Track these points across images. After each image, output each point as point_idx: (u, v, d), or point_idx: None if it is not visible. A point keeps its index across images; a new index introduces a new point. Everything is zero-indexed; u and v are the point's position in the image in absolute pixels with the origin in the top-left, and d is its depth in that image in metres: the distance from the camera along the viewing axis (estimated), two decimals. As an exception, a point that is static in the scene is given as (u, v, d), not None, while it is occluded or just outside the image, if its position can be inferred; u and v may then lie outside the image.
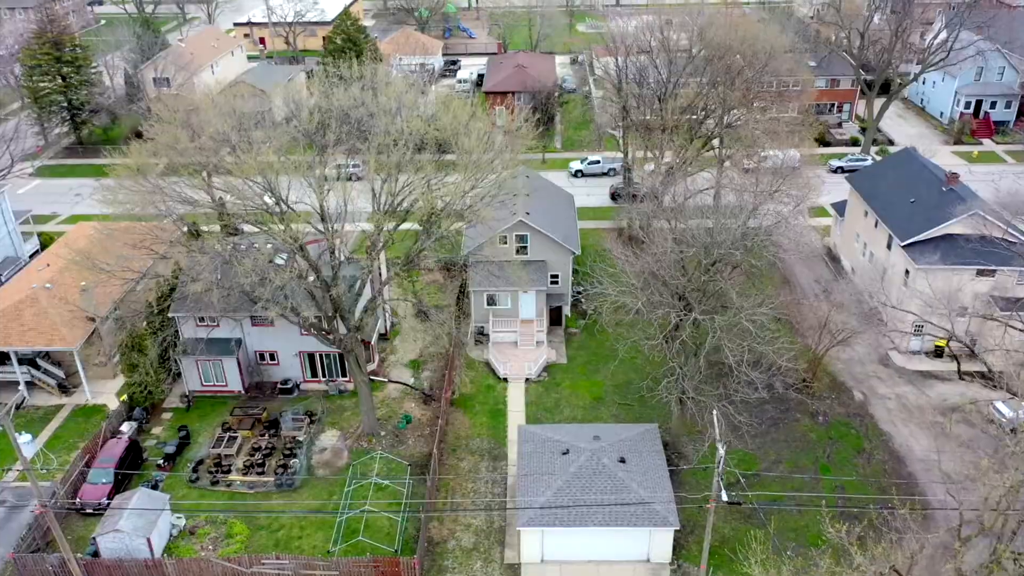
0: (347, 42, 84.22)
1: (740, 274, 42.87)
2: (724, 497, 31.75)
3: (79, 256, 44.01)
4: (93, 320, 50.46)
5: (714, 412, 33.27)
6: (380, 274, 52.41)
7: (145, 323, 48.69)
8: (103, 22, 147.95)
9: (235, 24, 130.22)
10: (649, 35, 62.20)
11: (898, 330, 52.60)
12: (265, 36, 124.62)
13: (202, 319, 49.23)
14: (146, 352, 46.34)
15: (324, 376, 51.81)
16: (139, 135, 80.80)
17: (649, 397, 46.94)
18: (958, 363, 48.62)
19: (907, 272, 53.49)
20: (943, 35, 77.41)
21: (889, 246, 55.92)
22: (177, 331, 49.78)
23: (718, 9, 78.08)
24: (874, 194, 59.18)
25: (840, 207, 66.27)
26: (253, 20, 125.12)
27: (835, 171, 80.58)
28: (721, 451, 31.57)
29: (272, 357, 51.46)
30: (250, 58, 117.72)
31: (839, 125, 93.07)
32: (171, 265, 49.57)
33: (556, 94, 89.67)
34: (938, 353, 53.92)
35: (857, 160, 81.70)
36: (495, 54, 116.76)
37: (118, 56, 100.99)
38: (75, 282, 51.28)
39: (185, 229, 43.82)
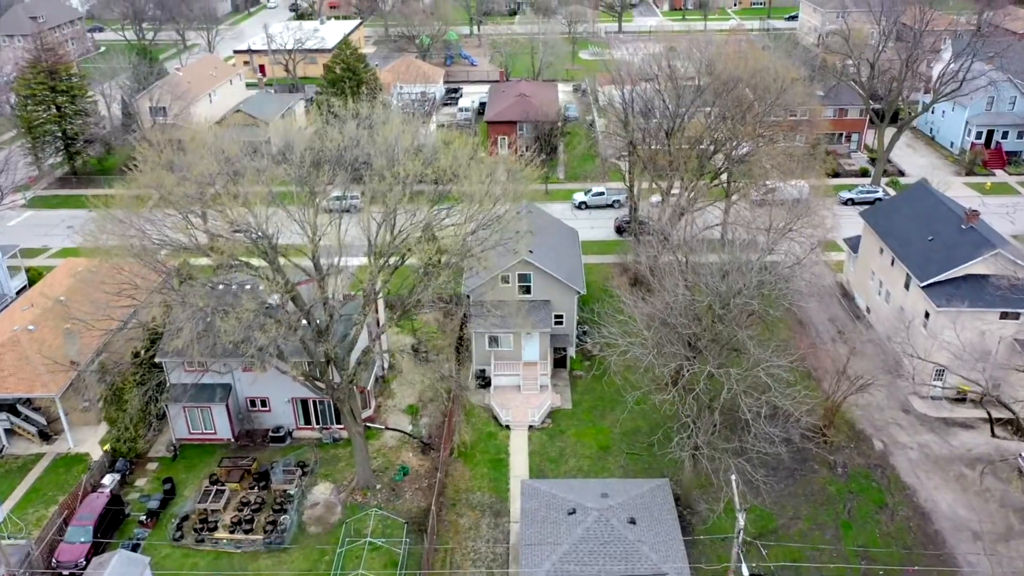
0: (346, 71, 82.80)
1: (756, 320, 40.69)
2: (745, 573, 29.30)
3: (56, 303, 41.82)
4: (77, 364, 48.22)
5: (732, 478, 30.87)
6: (377, 319, 50.23)
7: (129, 370, 46.45)
8: (103, 49, 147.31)
9: (235, 52, 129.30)
10: (656, 68, 60.36)
11: (925, 384, 50.10)
12: (265, 64, 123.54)
13: (190, 364, 46.99)
14: (125, 408, 43.93)
15: (318, 423, 49.46)
16: (131, 167, 79.52)
17: (660, 453, 44.47)
18: (991, 419, 46.03)
19: (927, 314, 51.25)
20: (954, 65, 75.73)
21: (907, 286, 53.72)
22: (164, 377, 47.53)
23: (725, 38, 76.19)
24: (890, 231, 57.09)
25: (853, 243, 64.20)
26: (253, 48, 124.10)
27: (845, 203, 78.63)
28: (741, 521, 29.18)
29: (263, 403, 49.16)
30: (249, 86, 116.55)
31: (848, 155, 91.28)
32: (155, 310, 47.43)
33: (559, 124, 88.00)
34: (960, 398, 51.56)
35: (868, 192, 79.80)
36: (497, 82, 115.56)
37: (115, 85, 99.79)
38: (60, 323, 49.13)
39: (171, 272, 41.65)
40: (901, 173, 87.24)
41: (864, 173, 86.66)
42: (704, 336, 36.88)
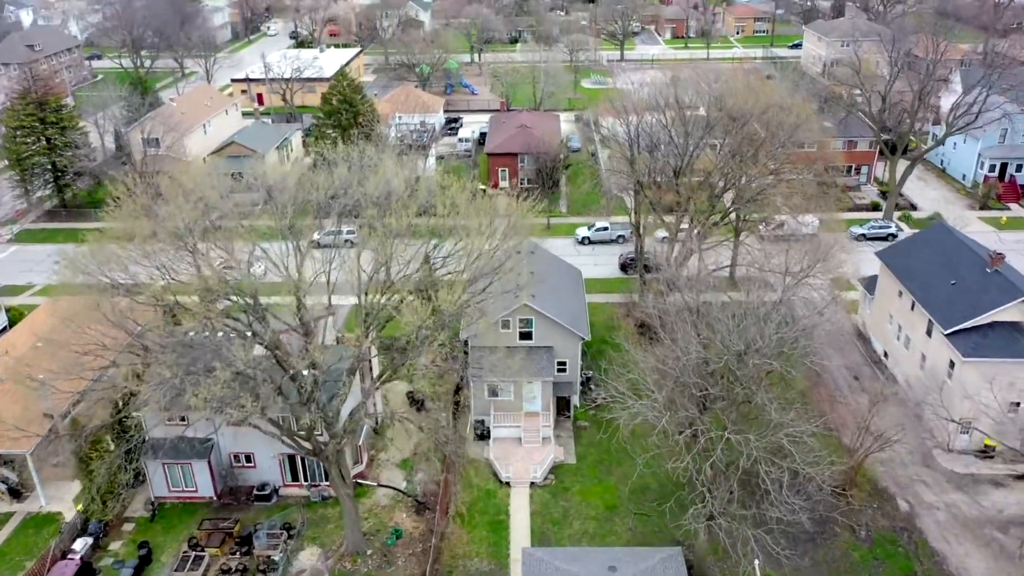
0: (343, 103, 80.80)
1: (774, 377, 37.92)
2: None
3: (32, 349, 39.09)
4: (51, 417, 45.41)
5: (756, 563, 27.93)
6: (370, 370, 47.49)
7: (105, 424, 43.59)
8: (100, 77, 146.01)
9: (232, 80, 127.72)
10: (663, 102, 58.05)
11: (950, 437, 47.17)
12: (263, 93, 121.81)
13: (170, 418, 44.16)
14: (95, 474, 40.97)
15: (306, 480, 46.51)
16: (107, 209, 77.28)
17: (674, 525, 41.38)
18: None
19: (951, 364, 48.45)
20: (968, 97, 73.57)
21: (929, 333, 50.96)
22: (142, 431, 44.64)
23: (732, 69, 73.98)
24: (909, 273, 54.45)
25: (869, 283, 61.54)
26: (251, 76, 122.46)
27: (857, 238, 76.13)
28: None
29: (248, 459, 46.25)
30: (245, 115, 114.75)
31: (857, 188, 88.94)
32: (123, 370, 44.61)
33: (561, 156, 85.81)
34: (987, 453, 48.61)
35: (880, 227, 77.32)
36: (498, 111, 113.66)
37: (108, 115, 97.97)
38: (37, 371, 46.32)
39: (140, 332, 38.87)
40: (913, 207, 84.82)
41: (875, 207, 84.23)
42: (719, 398, 34.09)
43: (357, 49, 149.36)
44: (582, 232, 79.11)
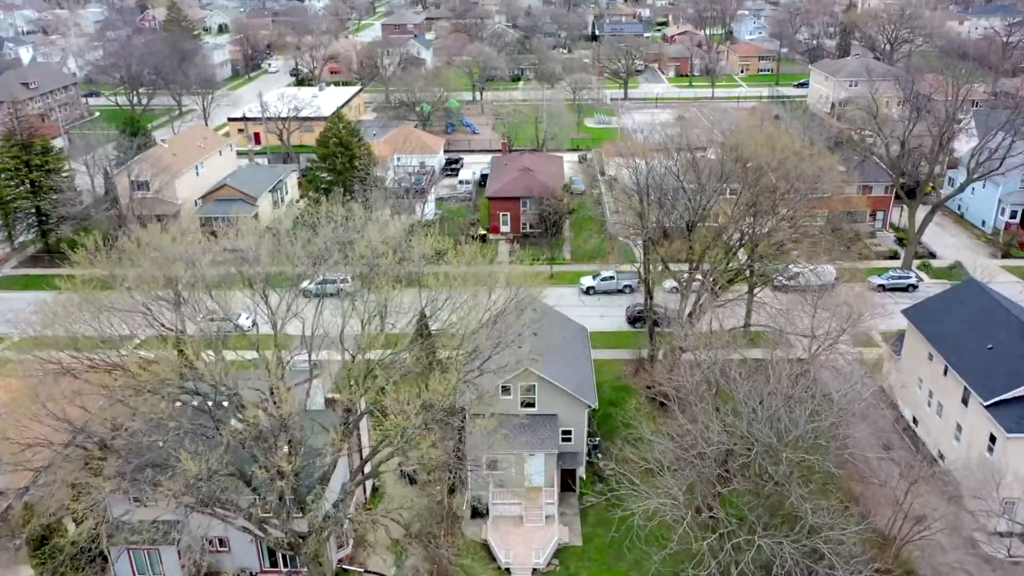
0: (338, 146, 77.82)
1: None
2: None
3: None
4: (4, 494, 41.42)
5: None
6: (359, 445, 43.52)
7: (64, 504, 39.52)
8: (96, 115, 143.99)
9: (229, 119, 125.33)
10: (675, 152, 54.73)
11: (992, 517, 42.94)
12: (260, 132, 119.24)
13: (136, 498, 40.10)
14: (54, 553, 36.97)
15: (287, 566, 42.29)
16: (109, 241, 74.09)
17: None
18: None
19: (992, 438, 44.41)
20: (992, 142, 70.37)
21: (965, 402, 46.99)
22: (104, 512, 40.53)
23: (742, 111, 70.64)
24: (940, 334, 50.63)
25: (894, 341, 57.72)
26: (248, 115, 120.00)
27: (876, 289, 72.42)
28: None
29: (222, 543, 42.07)
30: (242, 154, 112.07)
31: (873, 235, 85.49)
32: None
33: (565, 201, 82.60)
34: (1034, 536, 44.32)
35: (900, 277, 73.71)
36: (499, 151, 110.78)
37: (99, 156, 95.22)
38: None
39: (80, 429, 34.91)
40: (932, 255, 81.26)
41: (892, 255, 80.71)
42: (747, 492, 30.09)
43: (357, 87, 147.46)
44: (587, 282, 75.48)
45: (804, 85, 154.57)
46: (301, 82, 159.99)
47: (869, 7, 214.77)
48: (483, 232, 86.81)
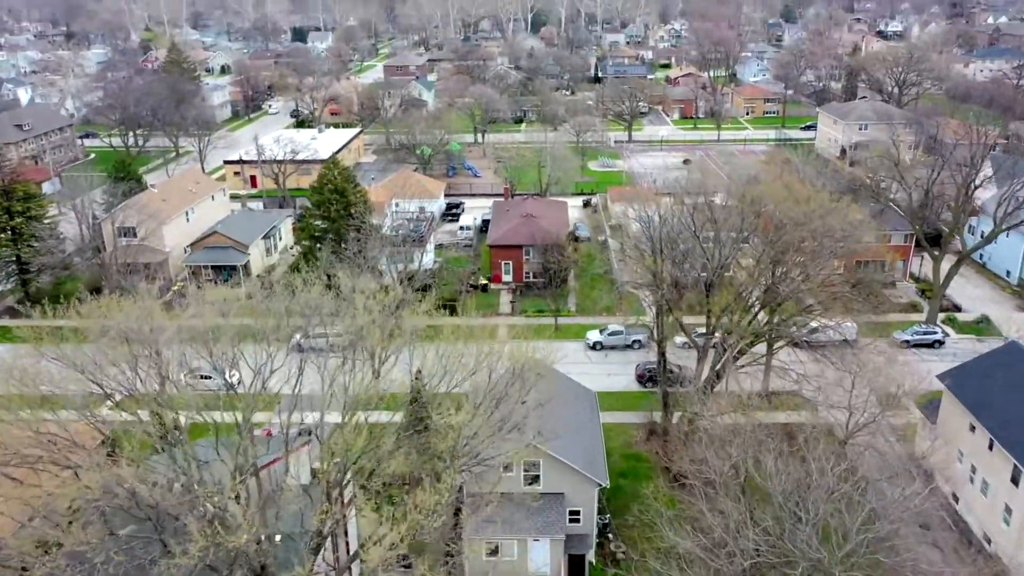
0: (333, 193, 74.48)
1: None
2: None
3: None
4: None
5: None
6: (345, 531, 39.01)
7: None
8: (92, 156, 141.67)
9: (225, 162, 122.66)
10: (690, 208, 51.01)
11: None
12: (256, 175, 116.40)
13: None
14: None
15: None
16: (97, 290, 70.62)
17: None
18: None
19: (1050, 524, 39.93)
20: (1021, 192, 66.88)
21: (1015, 481, 42.56)
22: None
23: (752, 156, 66.99)
24: (982, 404, 46.36)
25: (927, 406, 53.40)
26: (244, 158, 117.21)
27: (902, 345, 68.24)
28: None
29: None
30: (236, 198, 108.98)
31: (892, 285, 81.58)
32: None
33: (568, 252, 78.89)
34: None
35: (926, 333, 69.63)
36: (501, 195, 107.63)
37: (88, 201, 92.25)
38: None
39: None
40: (957, 308, 77.25)
41: (914, 308, 76.70)
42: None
43: (358, 129, 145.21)
44: (593, 336, 71.40)
45: (811, 128, 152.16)
46: (301, 123, 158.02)
47: (872, 50, 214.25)
48: (484, 282, 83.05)
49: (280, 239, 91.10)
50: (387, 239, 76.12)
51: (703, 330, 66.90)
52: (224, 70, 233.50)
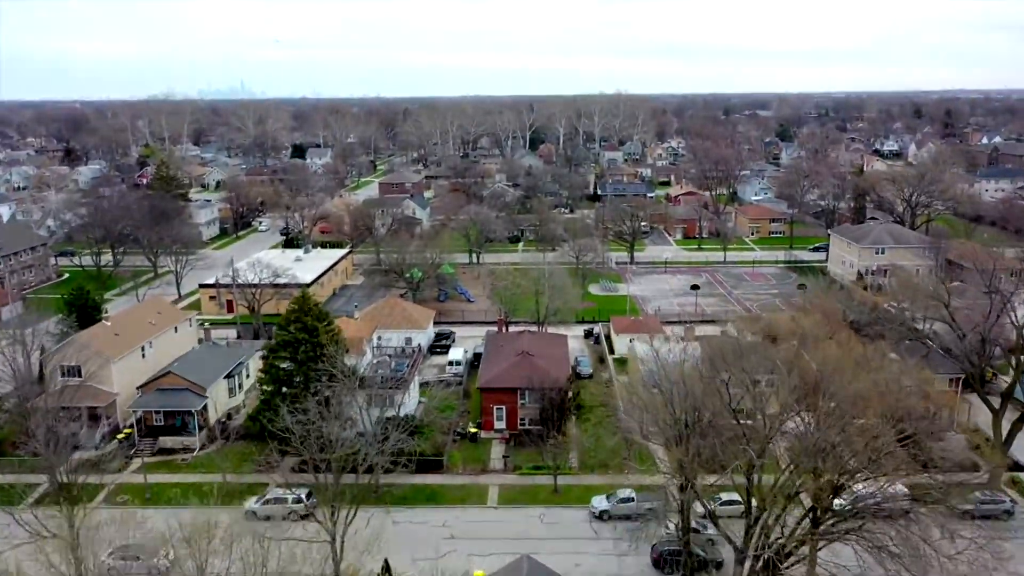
0: (302, 331, 65.74)
1: None
2: None
3: None
4: None
5: None
6: None
7: None
8: (66, 276, 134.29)
9: (200, 285, 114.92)
10: (727, 382, 41.87)
11: None
12: (232, 299, 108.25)
13: None
14: None
15: None
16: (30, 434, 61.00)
17: None
18: None
19: None
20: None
21: None
22: None
23: (815, 322, 57.86)
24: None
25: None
26: (220, 281, 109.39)
27: (964, 517, 57.45)
28: None
29: None
30: (215, 323, 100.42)
31: (939, 438, 71.30)
32: None
33: (569, 395, 69.35)
34: None
35: (992, 502, 59.42)
36: (496, 324, 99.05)
37: (39, 333, 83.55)
38: None
39: None
40: (1018, 466, 66.92)
41: (973, 467, 66.28)
42: None
43: (347, 249, 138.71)
44: (599, 503, 60.74)
45: (820, 249, 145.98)
46: (290, 241, 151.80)
47: (873, 169, 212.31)
48: (473, 430, 73.01)
49: (248, 376, 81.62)
50: (364, 381, 66.82)
51: (728, 495, 56.94)
52: (219, 185, 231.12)
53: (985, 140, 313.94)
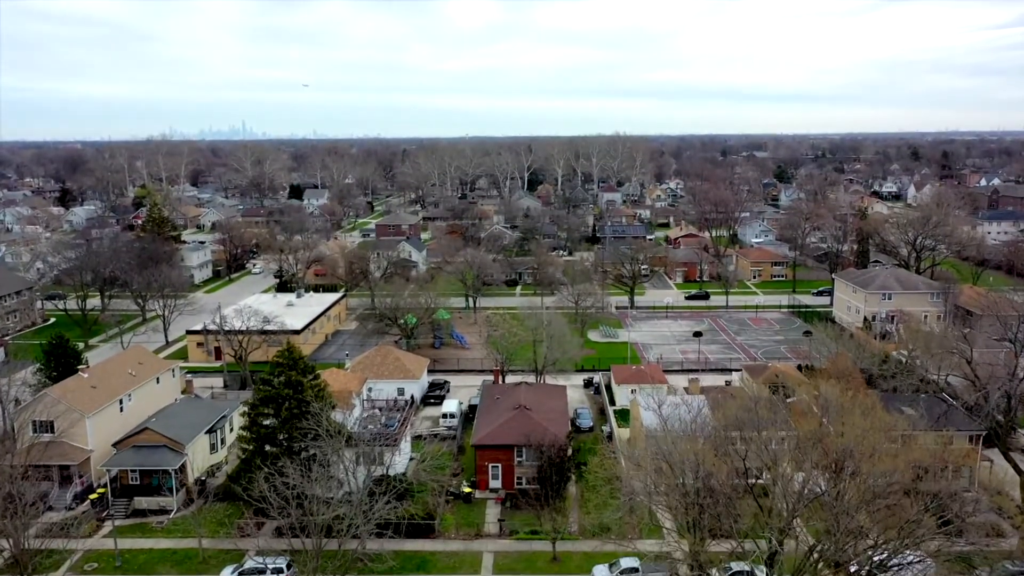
0: (286, 387, 62.19)
1: None
2: None
3: None
4: None
5: None
6: None
7: None
8: (52, 321, 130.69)
9: (188, 332, 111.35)
10: (744, 458, 38.37)
11: None
12: (220, 346, 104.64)
13: None
14: None
15: None
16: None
17: None
18: None
19: None
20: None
21: None
22: None
23: (847, 401, 53.54)
24: None
25: None
26: (208, 327, 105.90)
27: (994, 590, 53.51)
28: None
29: None
30: (205, 371, 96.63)
31: (961, 500, 67.32)
32: None
33: (569, 453, 65.44)
34: None
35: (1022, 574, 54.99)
36: (492, 373, 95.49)
37: (22, 380, 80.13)
38: None
39: None
40: (1047, 530, 62.80)
41: (997, 532, 62.30)
42: None
43: (340, 293, 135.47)
44: (601, 574, 56.57)
45: (823, 293, 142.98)
46: (283, 285, 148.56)
47: (874, 211, 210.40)
48: (468, 489, 68.94)
49: (231, 430, 77.66)
50: (352, 438, 63.05)
51: (738, 565, 52.95)
52: (215, 227, 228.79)
53: (983, 182, 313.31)
